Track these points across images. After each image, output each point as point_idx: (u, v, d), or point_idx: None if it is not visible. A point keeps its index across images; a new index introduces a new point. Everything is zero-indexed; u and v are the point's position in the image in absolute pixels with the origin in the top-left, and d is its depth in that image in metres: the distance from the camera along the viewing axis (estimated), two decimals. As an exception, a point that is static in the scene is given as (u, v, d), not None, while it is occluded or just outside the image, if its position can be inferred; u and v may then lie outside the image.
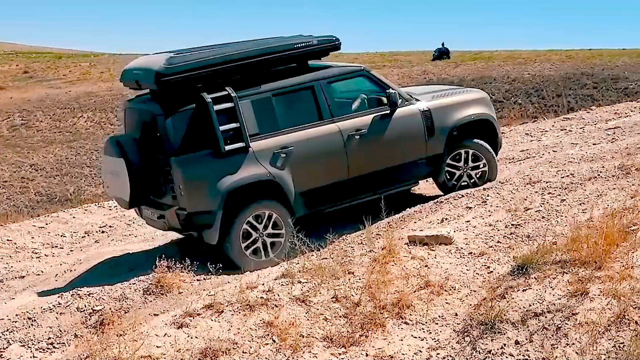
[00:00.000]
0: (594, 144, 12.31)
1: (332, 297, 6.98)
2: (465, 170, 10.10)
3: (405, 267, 7.34)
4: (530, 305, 6.39)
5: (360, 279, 7.20)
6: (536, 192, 8.87)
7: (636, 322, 5.80)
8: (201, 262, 8.47)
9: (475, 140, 10.13)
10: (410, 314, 6.73)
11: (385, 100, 9.63)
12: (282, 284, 7.24)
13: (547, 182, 9.10)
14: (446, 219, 8.71)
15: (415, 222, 8.91)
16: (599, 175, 9.01)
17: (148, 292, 7.97)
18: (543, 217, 8.05)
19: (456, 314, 6.68)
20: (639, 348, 5.40)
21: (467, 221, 8.43)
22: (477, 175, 10.12)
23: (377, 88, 9.75)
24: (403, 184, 9.95)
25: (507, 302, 6.51)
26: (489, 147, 10.17)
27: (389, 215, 9.21)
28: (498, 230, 8.00)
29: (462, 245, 7.79)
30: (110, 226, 12.11)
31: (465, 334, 6.38)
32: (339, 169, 9.36)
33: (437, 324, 6.61)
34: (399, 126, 9.65)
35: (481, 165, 10.12)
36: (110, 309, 7.58)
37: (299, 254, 7.97)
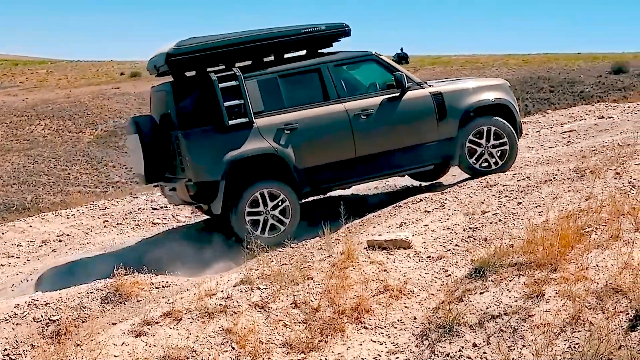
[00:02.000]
0: (549, 147, 12.49)
1: (292, 303, 6.98)
2: (486, 147, 10.16)
3: (364, 272, 7.36)
4: (487, 308, 6.44)
5: (319, 284, 7.20)
6: (493, 195, 8.96)
7: (591, 323, 5.88)
8: (161, 270, 8.42)
9: (496, 117, 10.22)
10: (370, 319, 6.75)
11: (394, 84, 9.91)
12: (241, 291, 7.22)
13: (504, 186, 9.20)
14: (405, 223, 8.75)
15: (374, 227, 8.94)
16: (554, 178, 9.12)
17: (106, 301, 7.89)
18: (500, 220, 8.13)
19: (415, 318, 6.71)
20: (593, 348, 5.47)
21: (426, 225, 8.48)
22: (498, 154, 10.21)
23: (387, 72, 10.02)
24: (414, 166, 10.11)
25: (465, 305, 6.56)
26: (510, 126, 10.25)
27: (349, 221, 9.23)
28: (456, 233, 8.06)
29: (421, 249, 7.83)
30: (67, 235, 11.96)
31: (424, 337, 6.42)
32: (345, 147, 9.67)
33: (396, 328, 6.64)
34: (408, 108, 9.90)
35: (502, 144, 10.21)
36: (67, 318, 7.49)
37: (258, 260, 7.96)
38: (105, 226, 11.98)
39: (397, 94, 9.89)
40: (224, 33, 9.69)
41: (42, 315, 7.59)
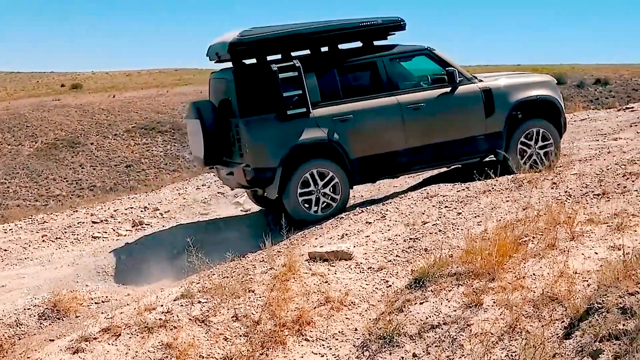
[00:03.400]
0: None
1: (232, 317, 6.94)
2: (534, 149, 10.70)
3: (305, 284, 7.37)
4: (427, 318, 6.50)
5: (260, 297, 7.18)
6: (433, 205, 9.05)
7: (527, 332, 5.97)
8: (100, 284, 8.31)
9: (543, 120, 10.75)
10: (311, 331, 6.75)
11: (446, 78, 10.39)
12: (181, 305, 7.16)
13: (444, 196, 9.31)
14: (346, 234, 8.79)
15: (316, 239, 8.96)
16: (493, 188, 9.26)
17: (43, 317, 7.76)
18: (440, 231, 8.22)
19: (356, 329, 6.73)
20: (530, 356, 5.56)
21: (367, 236, 8.53)
22: (544, 154, 10.69)
23: (440, 67, 10.51)
24: (461, 159, 10.65)
25: (405, 315, 6.60)
26: (554, 129, 10.79)
27: (291, 233, 9.24)
28: (397, 244, 8.12)
29: (362, 260, 7.87)
30: (5, 250, 11.71)
31: (365, 348, 6.44)
32: (396, 139, 10.21)
33: (337, 339, 6.65)
34: (457, 103, 10.42)
35: (548, 145, 10.73)
36: (3, 335, 7.34)
37: (199, 274, 7.91)
38: (43, 240, 11.76)
39: (448, 89, 10.43)
40: (284, 24, 10.28)
41: (-24, 333, 7.42)
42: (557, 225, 7.47)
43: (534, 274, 6.68)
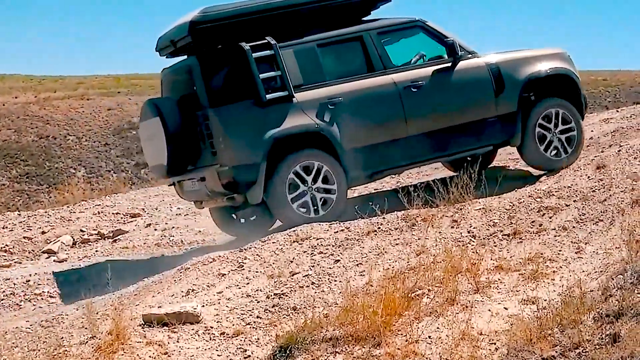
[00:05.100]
0: (375, 190, 12.85)
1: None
2: (554, 134, 11.26)
3: (138, 357, 7.24)
4: (295, 397, 6.49)
5: (78, 376, 7.00)
6: (304, 251, 9.08)
7: (421, 410, 6.05)
8: None
9: (561, 99, 11.37)
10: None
11: (445, 52, 11.00)
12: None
13: (317, 239, 9.34)
14: (193, 290, 8.69)
15: (153, 296, 8.82)
16: (379, 228, 9.37)
17: None
18: (313, 283, 8.25)
19: (204, 415, 6.65)
20: None
21: (220, 292, 8.47)
22: (566, 140, 11.29)
23: (436, 39, 11.07)
24: (474, 147, 11.17)
25: (268, 394, 6.58)
26: (574, 108, 11.41)
27: (121, 288, 9.09)
28: (258, 302, 8.10)
29: (213, 323, 7.80)
30: None
31: None
32: (396, 125, 10.71)
33: None
34: (462, 79, 11.01)
35: (570, 130, 11.34)
36: None
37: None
38: None
39: (449, 64, 10.98)
40: None
41: None
42: (458, 274, 7.63)
43: (429, 337, 6.79)
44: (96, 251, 12.40)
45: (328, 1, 10.82)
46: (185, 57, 10.88)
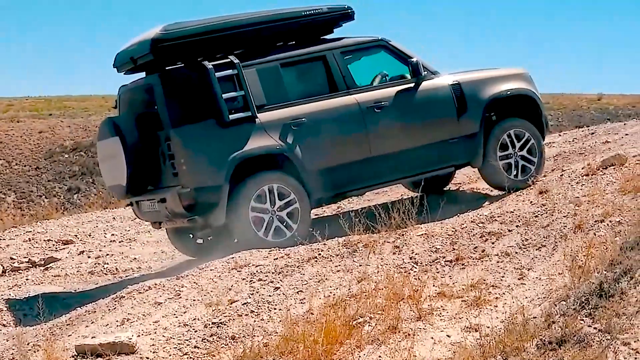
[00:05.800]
0: (315, 215, 12.83)
1: None
2: (515, 154, 11.48)
3: (70, 390, 7.13)
4: None
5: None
6: (243, 279, 9.03)
7: None
8: None
9: (522, 120, 11.62)
10: None
11: (409, 71, 11.20)
12: None
13: (256, 266, 9.30)
14: (128, 319, 8.59)
15: (86, 326, 8.71)
16: (319, 254, 9.35)
17: None
18: (252, 312, 8.20)
19: None
20: None
21: (156, 321, 8.38)
22: (527, 161, 11.52)
23: (399, 59, 11.29)
24: (437, 168, 11.36)
25: None
26: (533, 127, 11.63)
27: (53, 317, 8.95)
28: (195, 331, 8.02)
29: (149, 354, 7.71)
30: None
31: None
32: (360, 145, 10.87)
33: None
34: (425, 100, 11.19)
35: (531, 150, 11.57)
36: None
37: None
38: None
39: (412, 84, 11.18)
40: (220, 15, 10.79)
41: None
42: (400, 301, 7.63)
43: (371, 366, 6.76)
44: (27, 279, 12.26)
45: (292, 19, 11.01)
46: (144, 74, 10.95)
